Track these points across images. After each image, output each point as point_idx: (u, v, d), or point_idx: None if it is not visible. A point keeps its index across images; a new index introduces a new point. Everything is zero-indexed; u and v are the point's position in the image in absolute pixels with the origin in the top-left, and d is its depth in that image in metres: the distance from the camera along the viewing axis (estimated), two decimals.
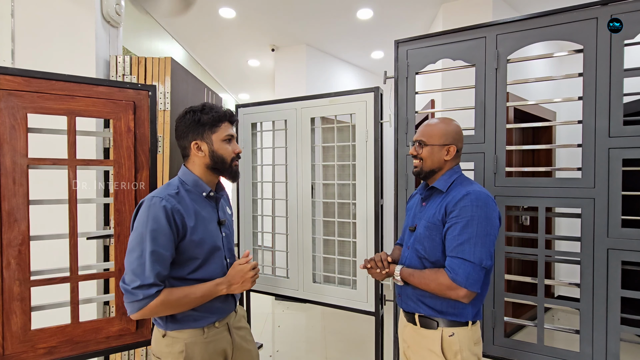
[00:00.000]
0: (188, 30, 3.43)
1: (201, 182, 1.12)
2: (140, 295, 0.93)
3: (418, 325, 1.19)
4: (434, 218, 1.16)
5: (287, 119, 2.17)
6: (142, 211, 1.00)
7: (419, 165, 1.22)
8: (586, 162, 1.45)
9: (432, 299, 1.15)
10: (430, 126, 1.21)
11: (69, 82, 1.16)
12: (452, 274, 1.06)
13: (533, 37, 1.55)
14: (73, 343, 1.21)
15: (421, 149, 1.21)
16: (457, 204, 1.09)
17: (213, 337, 1.09)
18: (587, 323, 1.44)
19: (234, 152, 1.14)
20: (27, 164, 1.13)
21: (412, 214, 1.31)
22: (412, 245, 1.22)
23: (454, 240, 1.08)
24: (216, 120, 1.10)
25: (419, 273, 1.14)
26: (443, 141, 1.18)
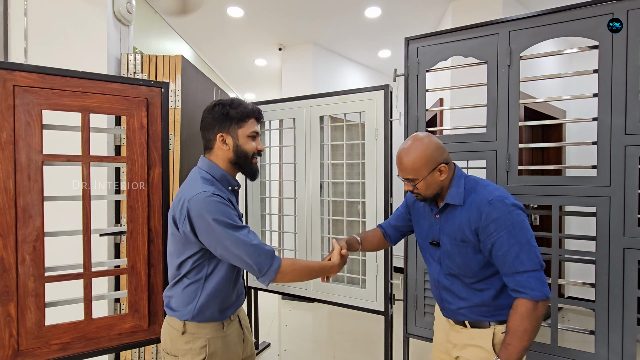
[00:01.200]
0: (196, 29, 3.44)
1: (229, 177, 1.14)
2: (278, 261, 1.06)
3: (468, 327, 1.15)
4: (460, 234, 1.09)
5: (296, 117, 2.17)
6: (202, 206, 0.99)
7: (419, 196, 1.15)
8: (602, 160, 1.43)
9: (478, 307, 1.11)
10: (410, 160, 1.09)
11: (83, 79, 1.17)
12: (528, 293, 0.98)
13: (547, 34, 1.53)
14: (86, 339, 1.21)
15: (414, 185, 1.12)
16: (489, 217, 1.03)
17: (230, 330, 1.12)
18: (603, 324, 1.42)
19: (256, 148, 1.15)
20: (42, 161, 1.14)
21: (426, 223, 1.23)
22: (442, 261, 1.17)
23: (506, 257, 1.01)
24: (244, 116, 1.11)
25: (510, 337, 1.00)
26: (430, 168, 1.08)
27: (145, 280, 1.29)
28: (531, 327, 0.98)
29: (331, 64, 3.98)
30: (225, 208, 1.01)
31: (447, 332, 1.22)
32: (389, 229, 1.42)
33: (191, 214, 0.99)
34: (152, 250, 1.30)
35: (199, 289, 1.05)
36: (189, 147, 1.83)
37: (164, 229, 1.33)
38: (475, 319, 1.13)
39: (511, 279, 1.02)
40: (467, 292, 1.13)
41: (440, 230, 1.16)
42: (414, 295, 1.80)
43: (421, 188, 1.11)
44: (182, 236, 1.03)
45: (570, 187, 1.49)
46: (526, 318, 0.98)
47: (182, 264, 1.06)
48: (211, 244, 1.00)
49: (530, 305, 0.98)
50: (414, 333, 1.80)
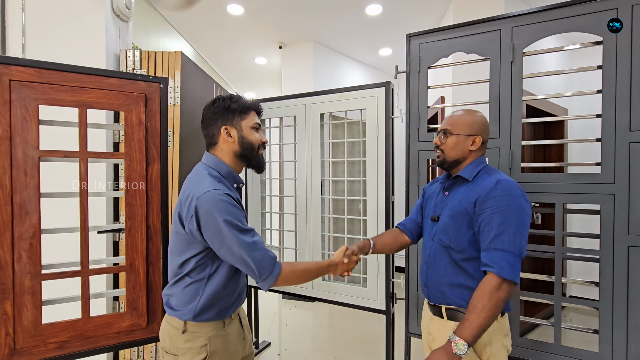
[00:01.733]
0: (195, 27, 3.42)
1: (235, 173, 1.14)
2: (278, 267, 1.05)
3: (445, 318, 1.16)
4: (459, 207, 1.13)
5: (296, 114, 2.15)
6: (211, 205, 0.97)
7: (442, 156, 1.20)
8: (606, 157, 1.41)
9: (460, 288, 1.12)
10: (456, 116, 1.20)
11: (80, 74, 1.15)
12: (496, 268, 0.99)
13: (550, 29, 1.51)
14: (84, 338, 1.20)
15: (445, 138, 1.18)
16: (490, 193, 1.05)
17: (230, 329, 1.11)
18: (607, 323, 1.40)
19: (260, 139, 1.15)
20: (39, 156, 1.12)
21: (432, 203, 1.28)
22: (435, 235, 1.20)
23: (490, 232, 1.03)
24: (245, 108, 1.12)
25: (469, 313, 0.99)
26: (469, 131, 1.16)
27: (144, 278, 1.27)
28: (490, 304, 0.97)
29: (332, 62, 3.96)
30: (235, 210, 1.00)
31: (428, 323, 1.23)
32: (409, 224, 1.42)
33: (199, 212, 0.97)
34: (151, 247, 1.28)
35: (200, 288, 1.04)
36: (189, 145, 1.81)
37: (163, 227, 1.31)
38: (454, 302, 1.13)
39: (486, 254, 1.03)
40: (452, 268, 1.15)
41: (444, 206, 1.19)
42: (416, 294, 1.78)
43: (449, 143, 1.16)
44: (187, 235, 1.01)
45: (573, 185, 1.48)
46: (487, 295, 0.98)
47: (184, 263, 1.04)
48: (215, 243, 0.99)
49: (494, 283, 0.99)
50: (415, 332, 1.79)
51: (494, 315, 0.99)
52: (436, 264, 1.19)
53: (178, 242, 1.05)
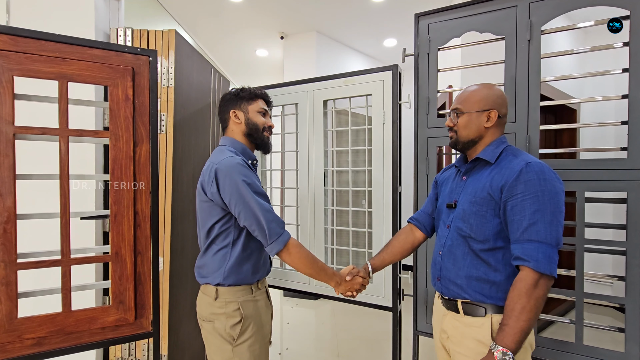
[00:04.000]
0: (193, 15, 3.32)
1: (248, 150, 1.27)
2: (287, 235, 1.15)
3: (461, 313, 1.04)
4: (483, 192, 1.00)
5: (298, 102, 2.05)
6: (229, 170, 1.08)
7: (454, 136, 1.10)
8: (634, 141, 1.30)
9: (478, 282, 1.00)
10: (467, 92, 1.09)
11: (60, 43, 1.04)
12: (532, 262, 0.88)
13: (571, 3, 1.40)
14: (64, 334, 1.09)
15: (457, 118, 1.08)
16: (520, 177, 0.93)
17: (259, 296, 1.21)
18: (635, 320, 1.29)
19: (266, 123, 1.29)
20: (14, 133, 1.02)
21: (447, 189, 1.17)
22: (453, 223, 1.08)
23: (523, 221, 0.91)
24: (253, 95, 1.28)
25: (507, 317, 0.89)
26: (482, 106, 1.05)
27: (132, 268, 1.17)
28: (529, 305, 0.87)
29: (335, 53, 3.86)
30: (251, 173, 1.13)
31: (441, 320, 1.12)
32: (423, 218, 1.33)
33: (218, 174, 1.08)
34: (139, 235, 1.18)
35: (227, 253, 1.14)
36: (184, 130, 1.71)
37: (152, 213, 1.20)
38: (472, 297, 1.01)
39: (519, 246, 0.92)
40: (471, 259, 1.02)
41: (462, 191, 1.09)
42: (425, 289, 1.67)
43: (462, 123, 1.07)
44: (209, 201, 1.11)
45: (597, 171, 1.37)
46: (524, 294, 0.87)
47: (210, 230, 1.14)
48: (232, 202, 1.07)
49: (530, 280, 0.88)
50: (424, 330, 1.68)
51: (536, 316, 0.88)
52: (453, 254, 1.07)
53: (202, 211, 1.15)
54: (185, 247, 1.75)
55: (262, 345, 1.20)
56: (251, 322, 1.15)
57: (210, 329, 1.14)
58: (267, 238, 1.09)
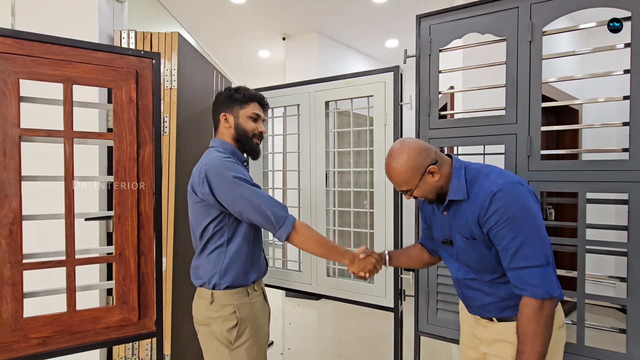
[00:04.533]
0: (196, 16, 3.34)
1: (238, 152, 1.24)
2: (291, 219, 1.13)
3: (495, 322, 1.07)
4: (468, 231, 1.02)
5: (300, 103, 2.06)
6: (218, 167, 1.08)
7: (428, 200, 1.11)
8: (635, 142, 1.30)
9: (504, 302, 1.03)
10: (397, 173, 1.04)
11: (65, 46, 1.06)
12: (529, 290, 0.90)
13: (573, 4, 1.40)
14: (69, 333, 1.11)
15: (408, 194, 1.08)
16: (489, 209, 0.93)
17: (255, 298, 1.20)
18: (636, 321, 1.29)
19: (256, 129, 1.25)
20: (19, 135, 1.03)
21: (436, 223, 1.18)
22: (460, 258, 1.10)
23: (508, 250, 0.92)
24: (246, 98, 1.23)
25: (522, 342, 0.91)
26: (420, 173, 1.02)
27: (135, 269, 1.18)
28: (541, 329, 0.88)
29: (336, 54, 3.86)
30: (241, 169, 1.12)
31: (473, 327, 1.13)
32: (427, 243, 1.34)
33: (209, 174, 1.07)
34: (143, 236, 1.19)
35: (222, 253, 1.13)
36: (186, 131, 1.72)
37: (155, 214, 1.22)
38: (504, 315, 1.03)
39: (513, 274, 0.94)
40: (490, 287, 1.04)
41: (451, 227, 1.10)
42: (426, 290, 1.68)
43: (419, 195, 1.07)
44: (201, 201, 1.10)
45: (598, 172, 1.37)
46: (533, 320, 0.89)
47: (204, 231, 1.13)
48: (229, 198, 1.06)
49: (534, 305, 0.89)
50: (425, 331, 1.68)
51: (549, 335, 0.90)
52: (471, 288, 1.09)
53: (194, 212, 1.14)
54: (187, 247, 1.76)
55: (260, 347, 1.18)
56: (248, 325, 1.14)
57: (207, 332, 1.13)
58: (274, 225, 1.08)
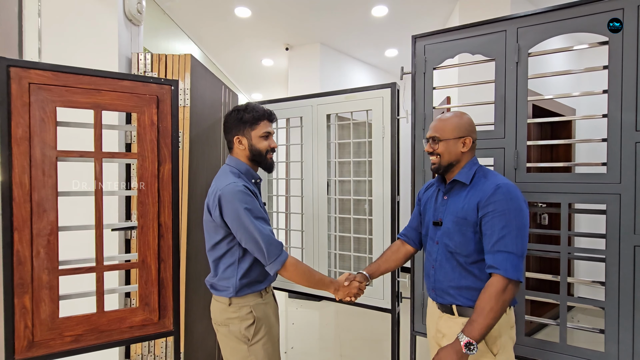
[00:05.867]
0: (204, 30, 3.48)
1: (252, 171, 1.32)
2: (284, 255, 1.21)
3: (456, 315, 1.18)
4: (463, 212, 1.15)
5: (303, 115, 2.18)
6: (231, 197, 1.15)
7: (437, 162, 1.22)
8: (612, 157, 1.41)
9: (468, 290, 1.15)
10: (442, 121, 1.21)
11: (95, 77, 1.19)
12: (502, 270, 1.04)
13: (555, 30, 1.52)
14: (98, 332, 1.24)
15: (436, 144, 1.20)
16: (491, 198, 1.09)
17: (267, 299, 1.31)
18: (613, 322, 1.41)
19: (269, 146, 1.32)
20: (56, 156, 1.17)
21: (432, 207, 1.29)
22: (441, 239, 1.22)
23: (493, 235, 1.07)
24: (256, 119, 1.28)
25: (476, 313, 1.04)
26: (457, 134, 1.18)
27: (156, 274, 1.31)
28: (497, 307, 1.02)
29: (338, 63, 3.99)
30: (252, 199, 1.19)
31: (437, 321, 1.25)
32: (411, 233, 1.45)
33: (222, 201, 1.16)
34: (162, 245, 1.32)
35: (234, 269, 1.22)
36: (198, 145, 1.85)
37: (174, 225, 1.35)
38: (463, 303, 1.16)
39: (490, 256, 1.07)
40: (459, 271, 1.17)
41: (445, 210, 1.21)
42: (421, 293, 1.79)
43: (441, 149, 1.18)
44: (213, 221, 1.19)
45: (579, 185, 1.48)
46: (494, 297, 1.02)
47: (215, 247, 1.23)
48: (234, 226, 1.16)
49: (500, 285, 1.03)
50: (420, 331, 1.80)
51: (500, 316, 1.03)
52: (443, 268, 1.21)
53: (208, 228, 1.24)
54: (199, 253, 1.89)
55: (274, 344, 1.30)
56: (263, 324, 1.24)
57: (226, 332, 1.23)
58: (266, 259, 1.17)
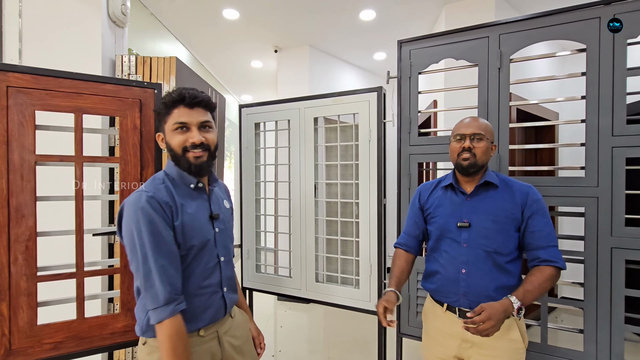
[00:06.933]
0: (191, 31, 3.45)
1: (184, 174, 1.00)
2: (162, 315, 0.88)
3: None
4: (505, 212, 1.17)
5: (290, 118, 2.18)
6: (131, 212, 0.89)
7: (473, 160, 1.18)
8: (590, 161, 1.45)
9: (504, 289, 1.15)
10: (484, 122, 1.24)
11: (76, 80, 1.18)
12: (559, 262, 1.13)
13: (536, 37, 1.56)
14: (79, 339, 1.22)
15: (479, 142, 1.19)
16: (532, 197, 1.18)
17: (197, 346, 0.97)
18: (591, 322, 1.44)
19: (185, 142, 0.97)
20: (35, 161, 1.15)
21: (447, 209, 1.24)
22: (473, 241, 1.18)
23: (543, 231, 1.15)
24: (167, 108, 0.97)
25: (529, 285, 1.10)
26: (492, 138, 1.24)
27: None
28: (547, 287, 1.12)
29: (327, 65, 4.00)
30: (156, 217, 0.89)
31: (462, 332, 1.17)
32: (411, 242, 1.39)
33: (123, 213, 0.91)
34: None
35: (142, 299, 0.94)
36: None
37: None
38: None
39: (544, 251, 1.14)
40: (497, 272, 1.17)
41: (474, 211, 1.20)
42: (407, 295, 1.81)
43: (481, 148, 1.19)
44: None
45: (559, 188, 1.52)
46: (549, 280, 1.12)
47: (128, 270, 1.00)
48: (126, 247, 0.91)
49: (556, 273, 1.13)
50: (407, 333, 1.82)
51: (542, 295, 1.16)
52: (480, 270, 1.17)
53: None
54: None
55: None
56: None
57: None
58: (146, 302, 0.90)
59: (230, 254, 1.11)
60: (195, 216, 0.99)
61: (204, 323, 0.99)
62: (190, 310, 0.96)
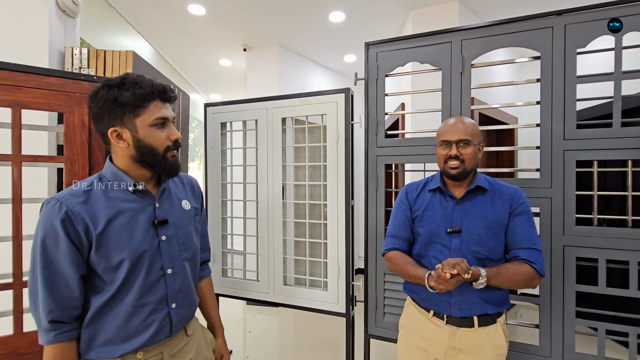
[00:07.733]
0: (155, 26, 3.31)
1: (122, 174, 0.89)
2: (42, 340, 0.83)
3: (476, 327, 1.12)
4: (496, 217, 1.14)
5: (258, 118, 2.13)
6: (38, 221, 0.81)
7: (461, 167, 1.14)
8: (544, 163, 1.52)
9: (493, 295, 1.13)
10: (471, 124, 1.16)
11: (14, 72, 1.07)
12: (537, 265, 1.10)
13: (495, 43, 1.61)
14: (17, 355, 1.10)
15: (467, 148, 1.14)
16: (519, 200, 1.16)
17: None
18: (546, 317, 1.50)
19: (169, 139, 0.89)
20: None
21: (437, 214, 1.19)
22: (465, 247, 1.14)
23: (526, 233, 1.13)
24: (140, 100, 0.84)
25: (503, 270, 1.09)
26: (479, 140, 1.18)
27: None
28: (517, 283, 1.09)
29: (298, 66, 3.98)
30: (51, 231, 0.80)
31: (448, 339, 1.15)
32: (403, 245, 1.28)
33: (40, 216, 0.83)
34: None
35: None
36: None
37: None
38: (492, 309, 1.14)
39: (526, 251, 1.12)
40: None
41: (464, 216, 1.16)
42: (374, 296, 1.82)
43: (469, 154, 1.14)
44: None
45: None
46: (522, 276, 1.08)
47: None
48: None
49: (532, 274, 1.09)
50: (374, 334, 1.82)
51: (511, 288, 1.11)
52: None
53: None
54: None
55: None
56: None
57: None
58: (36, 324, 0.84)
59: (181, 265, 0.97)
60: (127, 225, 0.87)
61: (141, 344, 0.88)
62: (124, 330, 0.86)
